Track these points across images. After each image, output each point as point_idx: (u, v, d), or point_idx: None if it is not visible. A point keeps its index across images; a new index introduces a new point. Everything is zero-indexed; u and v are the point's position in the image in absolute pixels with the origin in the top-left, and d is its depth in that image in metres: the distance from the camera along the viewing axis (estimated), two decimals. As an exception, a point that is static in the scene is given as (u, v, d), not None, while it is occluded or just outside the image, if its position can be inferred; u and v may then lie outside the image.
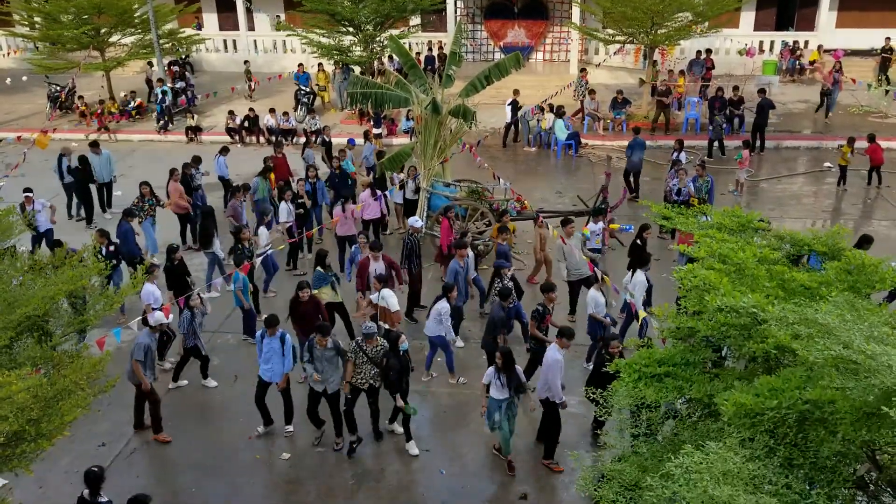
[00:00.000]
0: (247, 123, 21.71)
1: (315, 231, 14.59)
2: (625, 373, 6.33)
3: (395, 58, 21.49)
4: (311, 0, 22.17)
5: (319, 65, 24.79)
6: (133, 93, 24.27)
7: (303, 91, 23.33)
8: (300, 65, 24.25)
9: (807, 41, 26.33)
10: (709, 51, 24.60)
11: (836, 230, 7.18)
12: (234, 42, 28.96)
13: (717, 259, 6.63)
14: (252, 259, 12.03)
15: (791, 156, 20.21)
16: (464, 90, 14.91)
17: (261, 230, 13.34)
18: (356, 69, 22.82)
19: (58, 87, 24.21)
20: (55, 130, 21.27)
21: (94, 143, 16.85)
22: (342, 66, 23.77)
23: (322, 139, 19.19)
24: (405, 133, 21.18)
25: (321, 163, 17.82)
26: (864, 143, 17.34)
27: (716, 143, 19.67)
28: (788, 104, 23.61)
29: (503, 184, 15.33)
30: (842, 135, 19.43)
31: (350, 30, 22.84)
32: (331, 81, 24.86)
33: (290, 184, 15.76)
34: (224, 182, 16.63)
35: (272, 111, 21.77)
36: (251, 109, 22.06)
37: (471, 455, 9.51)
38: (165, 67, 24.60)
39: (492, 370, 8.92)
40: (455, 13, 26.36)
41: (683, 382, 6.15)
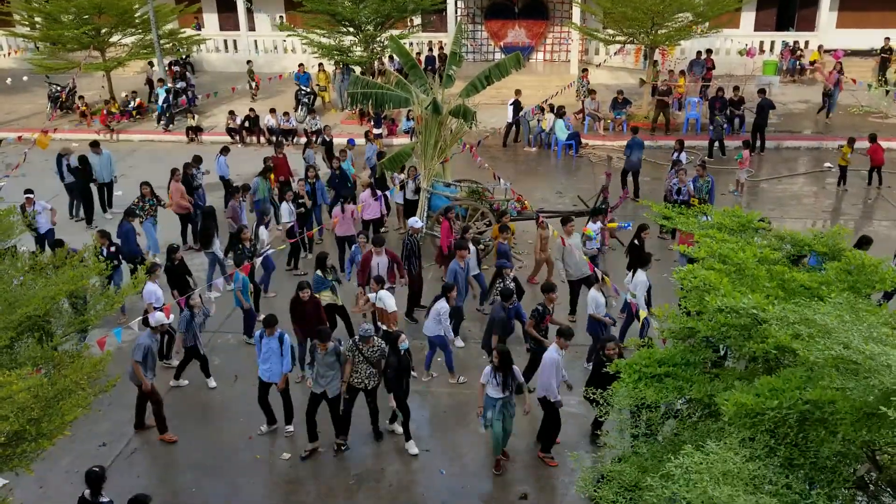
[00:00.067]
0: (247, 123, 21.72)
1: (315, 231, 14.61)
2: (625, 373, 6.34)
3: (396, 58, 21.49)
4: (312, 0, 22.17)
5: (320, 65, 24.79)
6: (134, 93, 24.29)
7: (303, 91, 23.35)
8: (301, 65, 24.26)
9: (807, 41, 26.32)
10: (709, 51, 24.60)
11: (837, 230, 7.18)
12: (235, 42, 28.98)
13: (718, 259, 6.63)
14: (252, 259, 12.04)
15: (791, 156, 20.22)
16: (464, 90, 14.92)
17: (261, 230, 13.36)
18: (356, 69, 22.83)
19: (58, 88, 24.22)
20: (56, 130, 21.30)
21: (95, 143, 16.85)
22: (343, 67, 23.78)
23: (322, 138, 19.19)
24: (405, 133, 21.18)
25: (321, 163, 17.84)
26: (866, 144, 17.35)
27: (716, 144, 19.68)
28: (789, 104, 23.60)
29: (503, 184, 15.33)
30: (842, 135, 19.43)
31: (350, 30, 22.83)
32: (331, 82, 24.86)
33: (291, 184, 15.81)
34: (224, 182, 16.65)
35: (273, 111, 21.77)
36: (251, 110, 22.06)
37: (471, 455, 9.52)
38: (166, 67, 24.62)
39: (489, 369, 8.93)
40: (455, 13, 26.36)
41: (683, 383, 6.15)
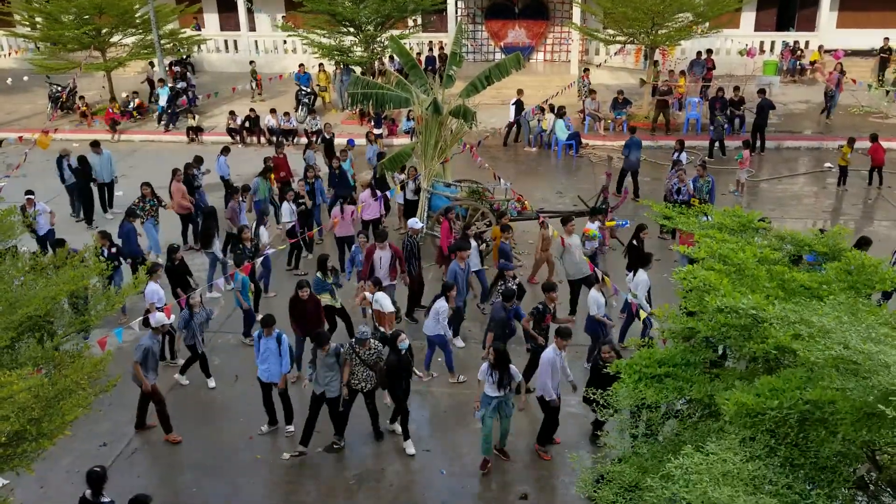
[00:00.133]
0: (248, 124, 21.72)
1: (315, 232, 14.61)
2: (625, 374, 6.34)
3: (396, 58, 21.50)
4: (312, 0, 22.18)
5: (320, 65, 24.79)
6: (135, 93, 24.31)
7: (303, 91, 23.35)
8: (301, 65, 24.27)
9: (807, 41, 26.31)
10: (709, 51, 24.60)
11: (837, 230, 7.18)
12: (235, 42, 28.97)
13: (718, 260, 6.63)
14: (253, 259, 12.04)
15: (792, 156, 20.22)
16: (464, 90, 14.92)
17: (261, 230, 13.36)
18: (357, 69, 22.83)
19: (59, 88, 24.24)
20: (56, 131, 21.31)
21: (95, 143, 16.85)
22: (343, 67, 23.78)
23: (322, 136, 19.20)
24: (406, 133, 21.18)
25: (321, 163, 17.83)
26: (866, 144, 17.35)
27: (716, 144, 19.68)
28: (789, 104, 23.59)
29: (504, 184, 15.33)
30: (842, 135, 19.44)
31: (351, 30, 22.83)
32: (331, 82, 24.87)
33: (291, 184, 15.81)
34: (224, 182, 16.64)
35: (273, 111, 21.77)
36: (252, 110, 22.07)
37: (471, 455, 9.51)
38: (167, 68, 24.62)
39: (485, 366, 8.96)
40: (456, 13, 26.35)
41: (684, 383, 6.15)
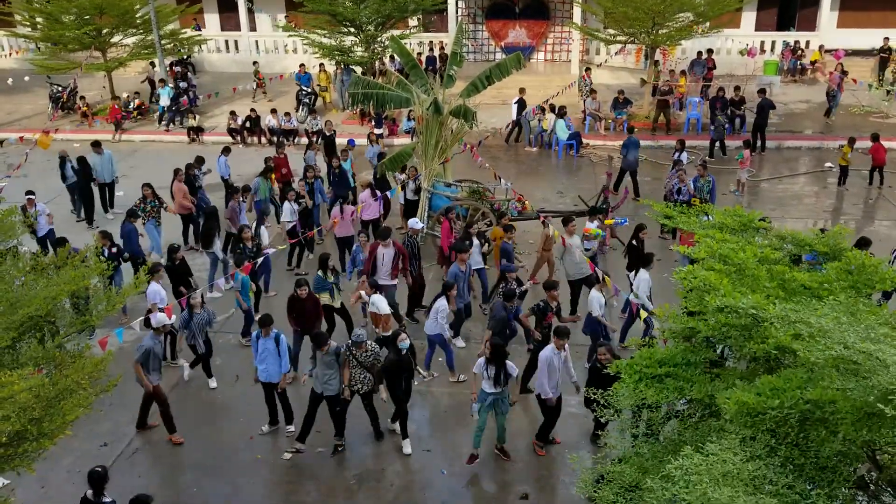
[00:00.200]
0: (248, 124, 21.73)
1: (315, 232, 14.60)
2: (625, 374, 6.34)
3: (397, 58, 21.49)
4: (313, 1, 22.18)
5: (321, 65, 24.78)
6: (137, 93, 24.32)
7: (304, 91, 23.35)
8: (301, 65, 24.26)
9: (808, 41, 26.28)
10: (710, 51, 24.59)
11: (838, 230, 7.18)
12: (236, 42, 28.98)
13: (718, 259, 6.62)
14: (253, 259, 12.03)
15: (792, 156, 20.21)
16: (465, 90, 14.92)
17: (262, 230, 13.36)
18: (357, 69, 22.83)
19: (59, 88, 24.25)
20: (57, 131, 21.32)
21: (96, 143, 16.85)
22: (343, 67, 23.78)
23: (323, 133, 19.21)
24: (406, 133, 21.19)
25: (322, 164, 17.82)
26: (866, 143, 17.34)
27: (717, 144, 19.67)
28: (790, 104, 23.58)
29: (504, 184, 15.33)
30: (843, 135, 19.43)
31: (351, 30, 22.84)
32: (332, 82, 24.87)
33: (291, 184, 15.80)
34: (225, 183, 16.63)
35: (273, 112, 21.77)
36: (252, 110, 22.07)
37: (472, 455, 9.52)
38: (167, 68, 24.62)
39: (482, 361, 8.98)
40: (456, 13, 26.34)
41: (684, 383, 6.15)
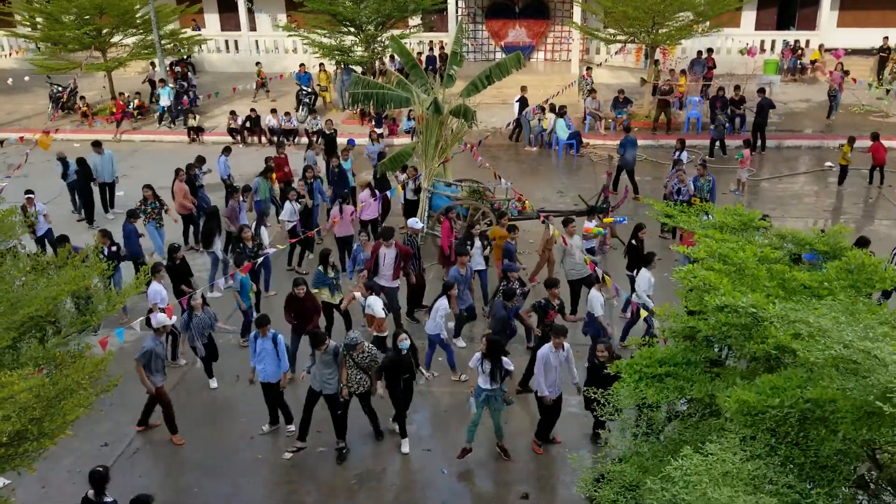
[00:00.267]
0: (248, 124, 21.73)
1: (314, 232, 14.59)
2: (626, 373, 6.34)
3: (397, 58, 21.49)
4: (313, 0, 22.18)
5: (321, 65, 24.78)
6: (138, 94, 24.33)
7: (304, 91, 23.35)
8: (301, 65, 24.27)
9: (808, 40, 26.28)
10: (710, 50, 24.59)
11: (838, 229, 7.18)
12: (236, 42, 28.98)
13: (717, 259, 6.62)
14: (253, 259, 12.02)
15: (792, 155, 20.20)
16: (465, 90, 14.92)
17: (262, 230, 13.36)
18: (357, 69, 22.82)
19: (60, 88, 24.25)
20: (57, 131, 21.30)
21: (97, 143, 16.87)
22: (343, 67, 23.78)
23: (322, 132, 19.19)
24: (406, 133, 21.19)
25: (322, 164, 17.81)
26: (866, 143, 17.33)
27: (717, 143, 19.67)
28: (790, 103, 23.58)
29: (504, 183, 15.33)
30: (843, 134, 19.42)
31: (351, 30, 22.84)
32: (332, 82, 24.87)
33: (292, 183, 15.81)
34: (224, 183, 16.63)
35: (274, 111, 21.78)
36: (252, 110, 22.07)
37: (472, 455, 9.48)
38: (167, 68, 24.62)
39: (478, 356, 8.99)
40: (456, 13, 26.34)
41: (684, 382, 6.15)
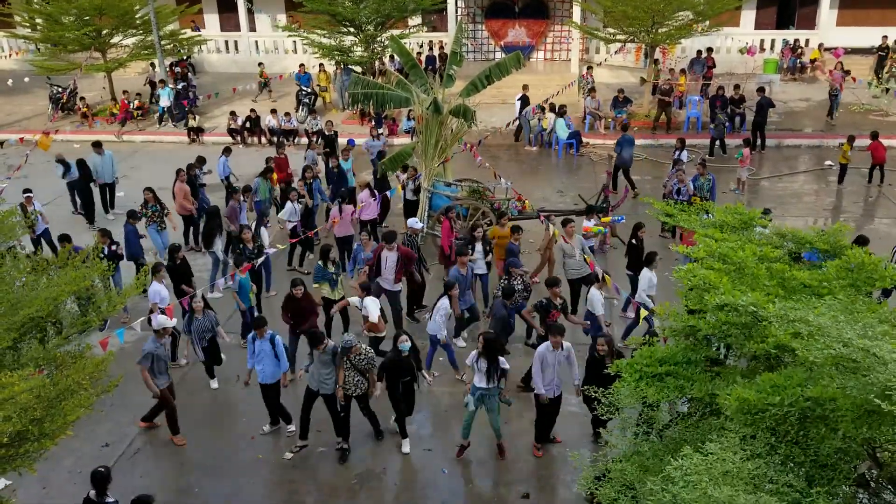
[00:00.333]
0: (248, 124, 21.73)
1: (314, 232, 14.60)
2: (626, 372, 6.34)
3: (396, 58, 21.48)
4: (312, 1, 22.18)
5: (320, 65, 24.78)
6: (138, 94, 24.34)
7: (304, 91, 23.34)
8: (301, 65, 24.27)
9: (807, 39, 26.29)
10: (710, 49, 24.60)
11: (838, 228, 7.18)
12: (236, 43, 28.98)
13: (717, 258, 6.63)
14: (253, 259, 12.02)
15: (792, 154, 20.20)
16: (465, 90, 14.92)
17: (262, 230, 13.37)
18: (357, 69, 22.82)
19: (59, 89, 24.24)
20: (57, 132, 21.29)
21: (97, 144, 16.87)
22: (343, 67, 23.78)
23: (323, 133, 19.17)
24: (406, 133, 21.19)
25: (322, 164, 17.81)
26: (866, 141, 17.33)
27: (717, 142, 19.67)
28: (790, 102, 23.58)
29: (504, 183, 15.33)
30: (843, 133, 19.42)
31: (351, 30, 22.84)
32: (332, 82, 24.87)
33: (292, 184, 15.82)
34: (224, 183, 16.63)
35: (273, 112, 21.78)
36: (252, 110, 22.07)
37: (472, 454, 9.50)
38: (167, 68, 24.62)
39: (474, 353, 8.99)
40: (456, 13, 26.32)
41: (685, 381, 6.15)
